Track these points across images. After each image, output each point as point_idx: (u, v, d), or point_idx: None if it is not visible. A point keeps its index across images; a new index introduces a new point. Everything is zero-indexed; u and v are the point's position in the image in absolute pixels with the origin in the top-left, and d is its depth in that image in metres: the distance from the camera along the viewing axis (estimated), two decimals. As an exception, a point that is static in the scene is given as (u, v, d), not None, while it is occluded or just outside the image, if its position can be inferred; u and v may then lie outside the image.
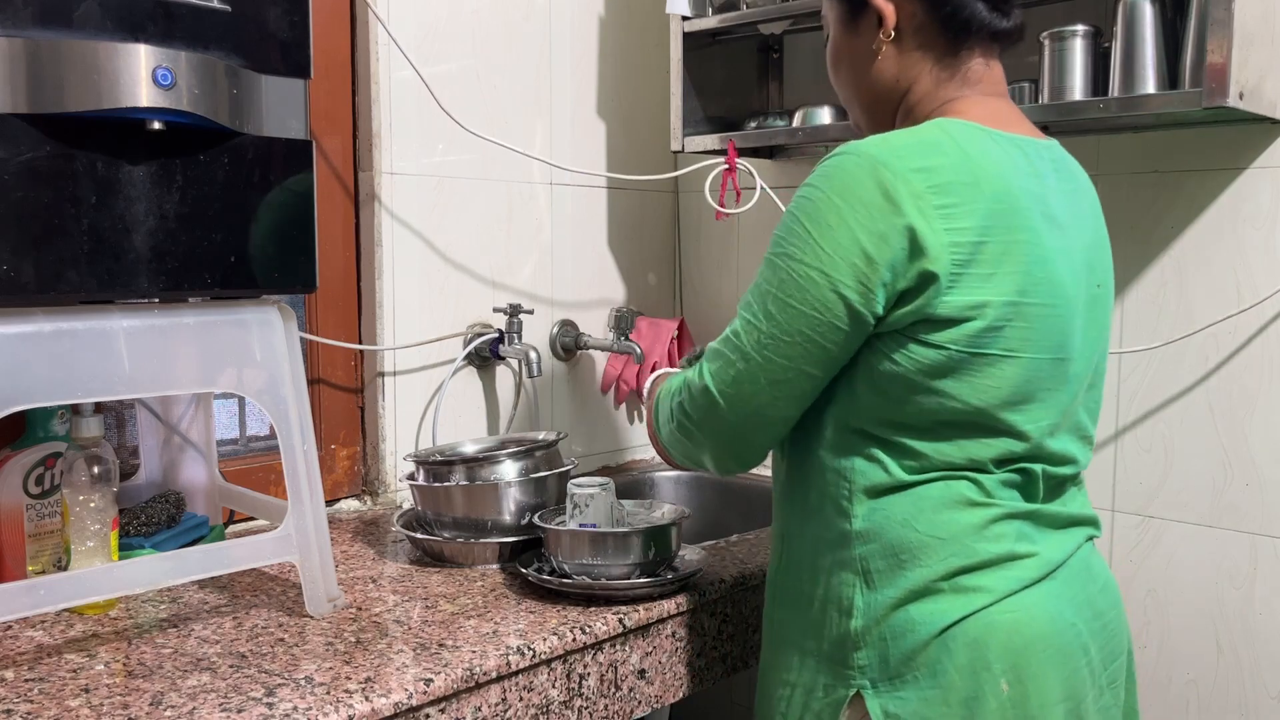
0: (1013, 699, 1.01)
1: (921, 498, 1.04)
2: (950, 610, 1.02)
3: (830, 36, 1.18)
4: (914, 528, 1.03)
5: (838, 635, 1.07)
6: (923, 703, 1.02)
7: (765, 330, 1.03)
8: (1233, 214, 1.60)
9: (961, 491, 1.04)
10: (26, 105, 0.98)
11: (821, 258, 0.99)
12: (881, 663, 1.04)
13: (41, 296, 1.01)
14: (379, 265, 1.74)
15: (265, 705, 0.99)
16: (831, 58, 1.18)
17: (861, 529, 1.05)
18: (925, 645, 1.02)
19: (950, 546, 1.03)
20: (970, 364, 1.00)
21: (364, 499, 1.79)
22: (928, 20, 1.09)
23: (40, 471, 1.28)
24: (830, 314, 1.00)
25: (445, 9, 1.79)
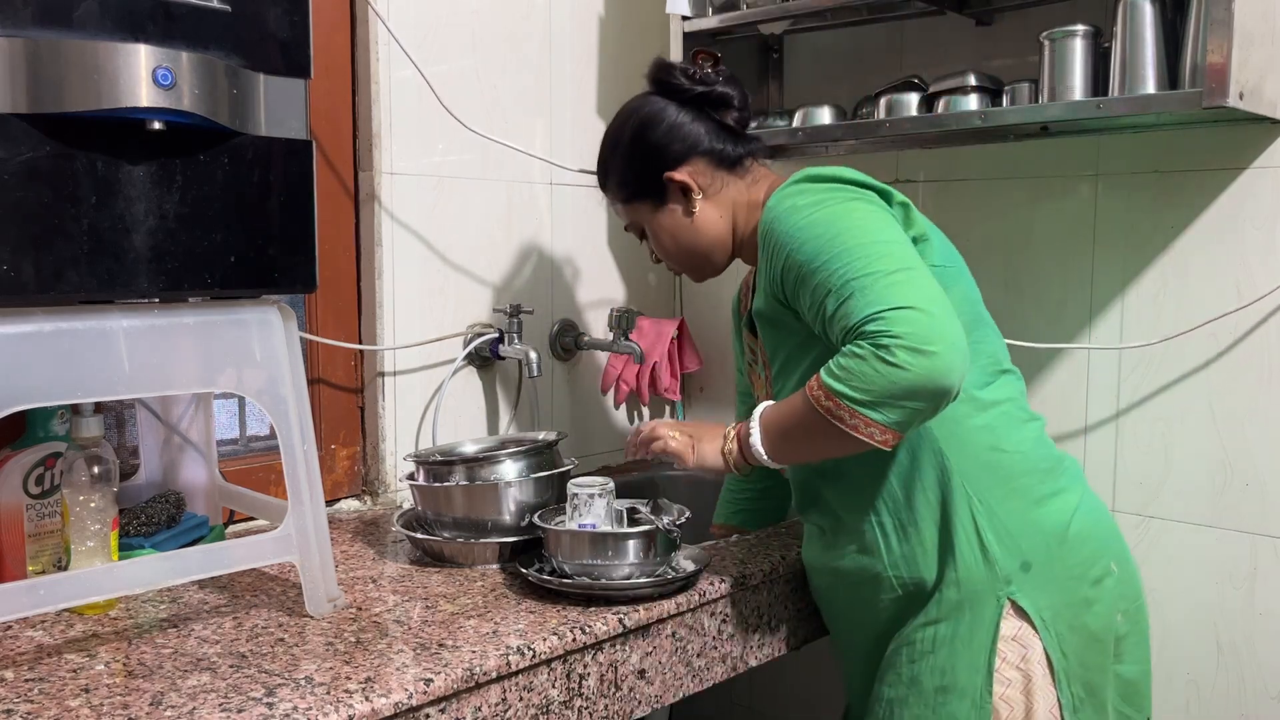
0: (1120, 577, 1.29)
1: (994, 426, 1.27)
2: (1060, 511, 1.27)
3: (649, 232, 1.44)
4: (1001, 449, 1.27)
5: (975, 558, 1.25)
6: (1062, 592, 1.25)
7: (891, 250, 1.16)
8: (1233, 214, 1.60)
9: (1013, 412, 1.30)
10: (26, 105, 0.98)
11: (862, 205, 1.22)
12: (1023, 568, 1.25)
13: (41, 296, 1.01)
14: (379, 265, 1.74)
15: (265, 705, 0.99)
16: (662, 244, 1.43)
17: (959, 465, 1.25)
18: (1053, 545, 1.26)
19: (1031, 459, 1.28)
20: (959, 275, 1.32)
21: (364, 499, 1.79)
22: (712, 166, 1.38)
23: (40, 471, 1.28)
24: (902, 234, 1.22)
25: (445, 8, 1.79)
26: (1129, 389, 1.71)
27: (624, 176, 1.43)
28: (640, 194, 1.41)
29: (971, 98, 1.63)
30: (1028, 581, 1.24)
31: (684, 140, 1.37)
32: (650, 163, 1.38)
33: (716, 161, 1.38)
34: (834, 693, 1.50)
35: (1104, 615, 1.27)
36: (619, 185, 1.44)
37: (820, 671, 2.11)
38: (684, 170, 1.37)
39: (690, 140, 1.37)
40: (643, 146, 1.39)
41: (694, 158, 1.37)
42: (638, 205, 1.43)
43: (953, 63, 1.78)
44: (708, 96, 1.38)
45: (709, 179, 1.38)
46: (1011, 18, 1.78)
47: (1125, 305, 1.70)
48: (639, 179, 1.40)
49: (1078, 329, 1.76)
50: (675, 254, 1.44)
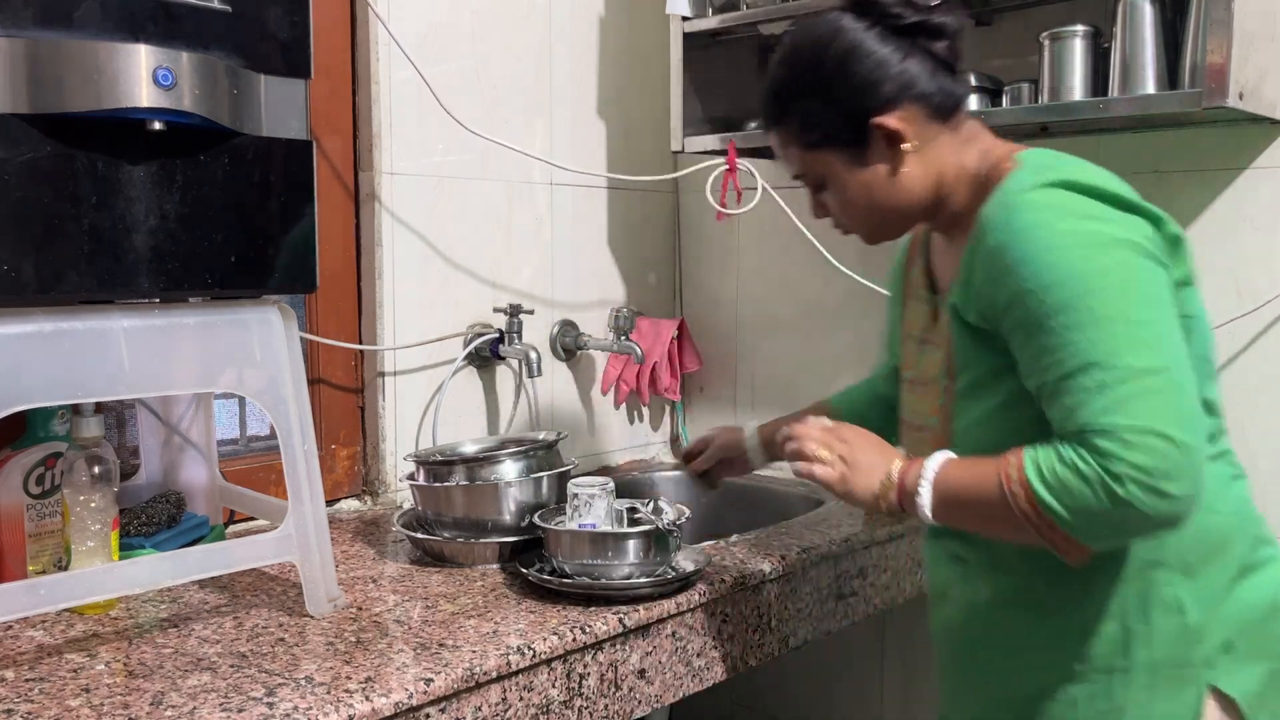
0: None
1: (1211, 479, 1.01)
2: (1270, 581, 1.09)
3: (833, 186, 1.17)
4: (1215, 510, 1.05)
5: (1172, 635, 1.05)
6: (1271, 674, 1.07)
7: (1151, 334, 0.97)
8: (1233, 214, 1.60)
9: (1224, 469, 1.10)
10: (27, 105, 0.98)
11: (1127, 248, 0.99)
12: (1225, 648, 1.06)
13: (41, 296, 1.01)
14: (379, 265, 1.74)
15: (265, 705, 0.99)
16: (850, 200, 1.17)
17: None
18: (1261, 620, 1.07)
19: (1244, 520, 1.10)
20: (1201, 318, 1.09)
21: (364, 499, 1.79)
22: (927, 115, 1.13)
23: (40, 471, 1.28)
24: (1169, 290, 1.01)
25: (445, 9, 1.79)
26: (1129, 389, 1.71)
27: (815, 117, 1.14)
28: (833, 140, 1.14)
29: (971, 98, 1.63)
30: (1231, 664, 1.06)
31: (897, 79, 1.11)
32: (855, 103, 1.12)
33: (930, 109, 1.12)
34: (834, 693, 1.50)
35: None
36: (804, 127, 1.15)
37: (820, 671, 2.11)
38: (895, 116, 1.11)
39: (904, 80, 1.11)
40: (847, 82, 1.12)
41: (906, 101, 1.11)
42: (826, 154, 1.15)
43: (953, 63, 1.78)
44: (922, 26, 1.12)
45: (920, 129, 1.12)
46: (1011, 18, 1.78)
47: (1125, 305, 1.70)
48: (837, 122, 1.13)
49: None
50: (863, 213, 1.18)
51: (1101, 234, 0.99)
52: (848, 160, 1.15)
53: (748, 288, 2.16)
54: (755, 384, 2.16)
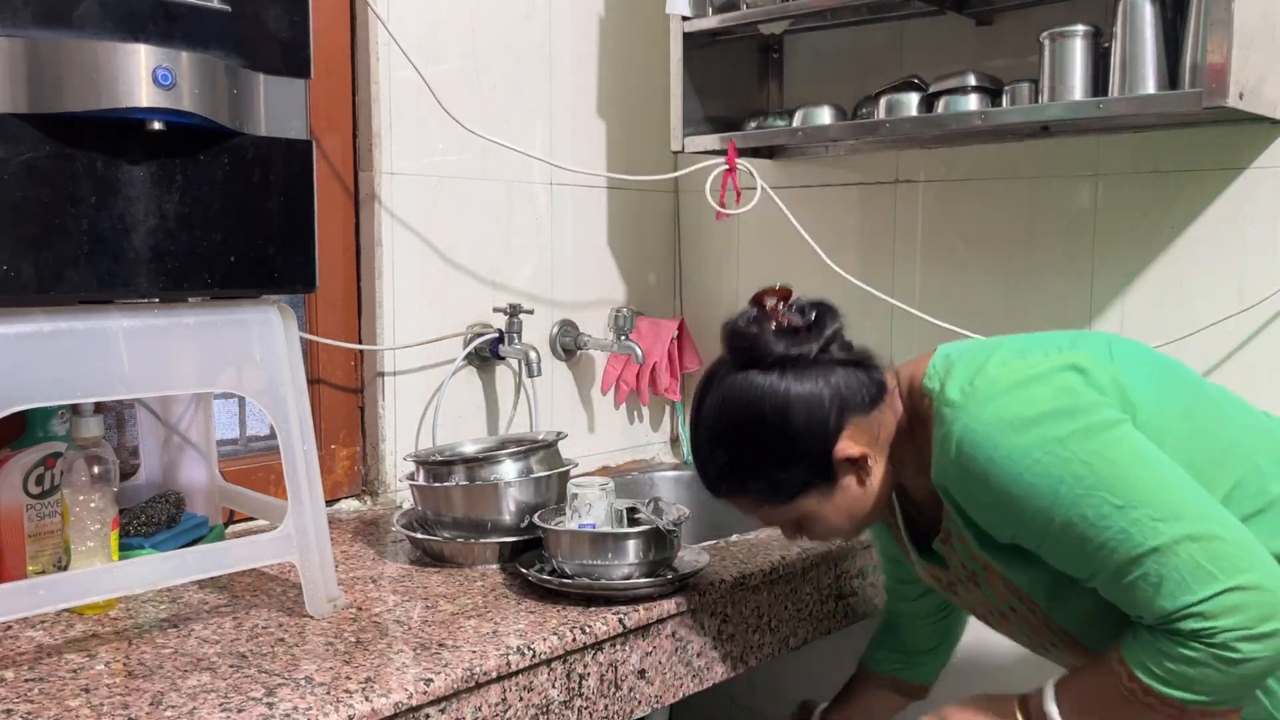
0: None
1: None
2: None
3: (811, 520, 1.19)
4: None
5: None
6: None
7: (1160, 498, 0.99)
8: (1233, 214, 1.60)
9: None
10: (26, 105, 0.98)
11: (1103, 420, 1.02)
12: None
13: (41, 296, 1.01)
14: (379, 265, 1.74)
15: (265, 705, 0.99)
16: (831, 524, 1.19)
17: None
18: None
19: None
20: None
21: (364, 499, 1.79)
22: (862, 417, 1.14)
23: (40, 471, 1.28)
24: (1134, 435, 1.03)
25: (445, 9, 1.79)
26: (1129, 389, 1.71)
27: (780, 479, 1.16)
28: (805, 488, 1.16)
29: (971, 98, 1.63)
30: None
31: (834, 406, 1.13)
32: (812, 449, 1.13)
33: (867, 410, 1.15)
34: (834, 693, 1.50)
35: None
36: (772, 490, 1.17)
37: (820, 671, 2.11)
38: (849, 440, 1.13)
39: (839, 403, 1.13)
40: (797, 438, 1.13)
41: (849, 420, 1.13)
42: (801, 500, 1.17)
43: (953, 63, 1.78)
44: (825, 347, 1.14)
45: (870, 434, 1.15)
46: (1011, 18, 1.78)
47: (1125, 305, 1.70)
48: (803, 473, 1.15)
49: (1078, 329, 1.75)
50: (846, 528, 1.21)
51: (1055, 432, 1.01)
52: (820, 496, 1.17)
53: (748, 288, 2.15)
54: (755, 384, 2.16)
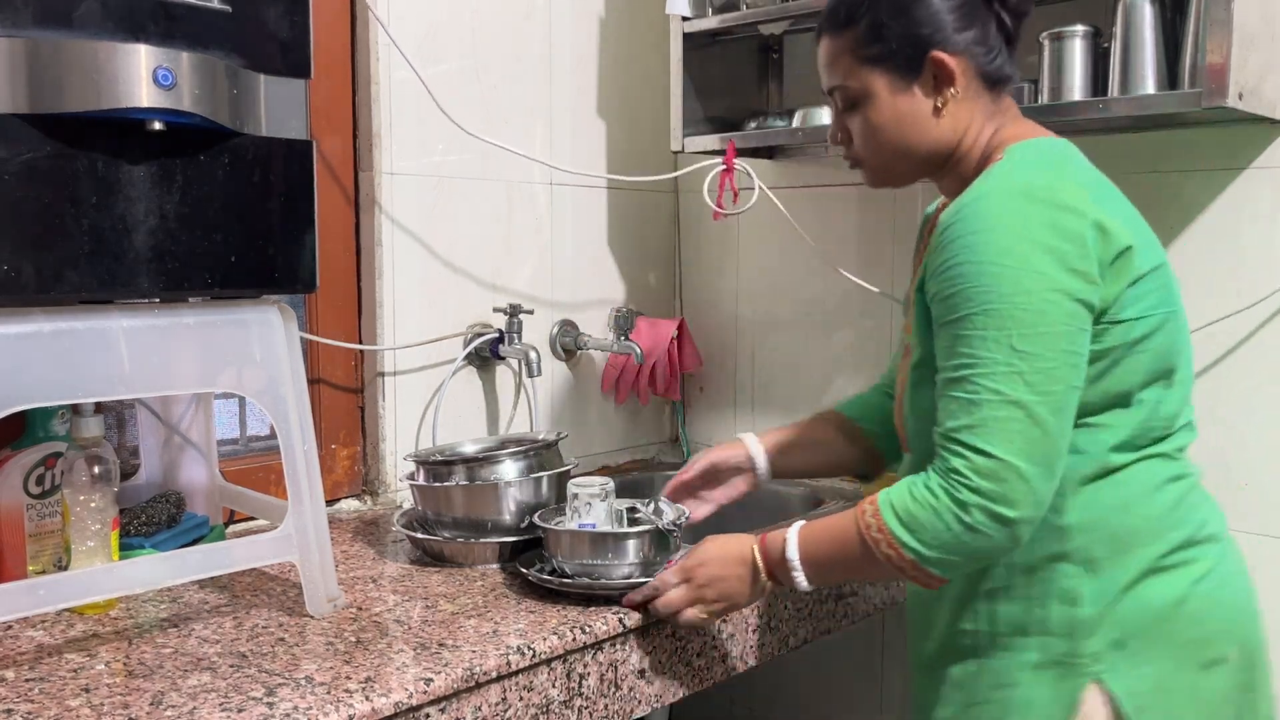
0: (1240, 663, 1.11)
1: (1129, 482, 1.09)
2: (1176, 585, 1.09)
3: (867, 109, 1.18)
4: (1130, 512, 1.09)
5: (1063, 626, 1.09)
6: (1161, 677, 1.08)
7: (1028, 369, 1.02)
8: (1233, 214, 1.60)
9: (1158, 469, 1.10)
10: (27, 105, 0.98)
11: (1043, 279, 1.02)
12: (1116, 645, 1.08)
13: (41, 296, 1.01)
14: (379, 265, 1.74)
15: (265, 705, 0.99)
16: (877, 128, 1.18)
17: (1076, 521, 1.09)
18: (1159, 622, 1.08)
19: (1164, 523, 1.09)
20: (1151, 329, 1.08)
21: (364, 499, 1.79)
22: (977, 73, 1.16)
23: (40, 471, 1.28)
24: (1077, 321, 1.03)
25: (445, 9, 1.79)
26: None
27: (881, 31, 1.15)
28: (889, 59, 1.15)
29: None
30: (1120, 662, 1.08)
31: (969, 28, 1.14)
32: (925, 31, 1.13)
33: (984, 71, 1.16)
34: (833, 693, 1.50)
35: (1209, 707, 1.10)
36: (867, 38, 1.15)
37: (820, 671, 2.11)
38: (954, 59, 1.13)
39: (975, 32, 1.14)
40: (926, 9, 1.13)
41: (968, 52, 1.14)
42: (877, 71, 1.16)
43: (953, 63, 1.78)
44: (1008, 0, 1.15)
45: (969, 83, 1.15)
46: (1011, 18, 1.78)
47: (1125, 305, 1.70)
48: (899, 42, 1.14)
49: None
50: (884, 144, 1.19)
51: (1028, 261, 1.02)
52: (893, 84, 1.16)
53: (747, 288, 2.16)
54: (755, 384, 2.16)
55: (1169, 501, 1.11)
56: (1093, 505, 1.08)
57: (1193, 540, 1.10)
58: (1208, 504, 1.15)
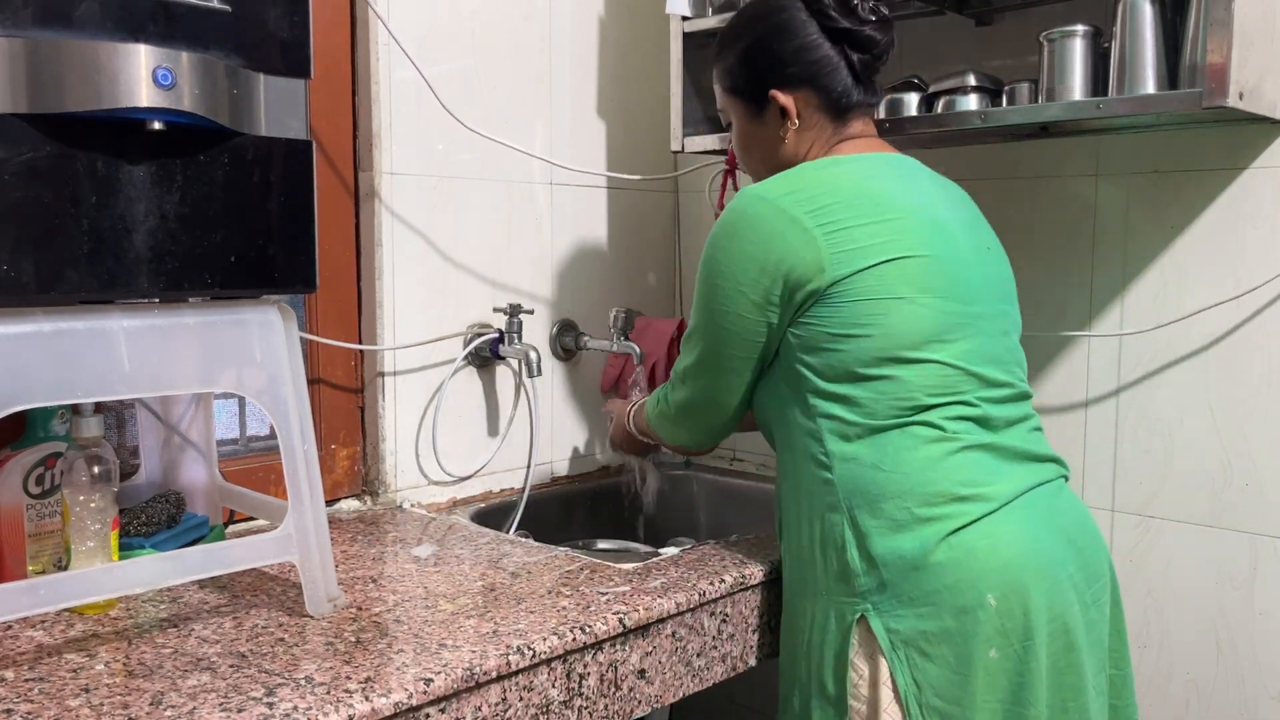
0: (1000, 611, 1.18)
1: (884, 442, 1.23)
2: (930, 535, 1.20)
3: (734, 128, 1.44)
4: (881, 468, 1.23)
5: (838, 568, 1.25)
6: (919, 619, 1.20)
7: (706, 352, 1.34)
8: (1233, 214, 1.60)
9: (918, 433, 1.23)
10: (26, 105, 0.98)
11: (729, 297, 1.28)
12: (879, 587, 1.22)
13: (41, 296, 1.01)
14: (379, 265, 1.74)
15: (265, 705, 0.99)
16: (741, 143, 1.44)
17: (838, 476, 1.25)
18: (914, 569, 1.20)
19: (916, 480, 1.21)
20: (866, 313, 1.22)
21: (364, 499, 1.79)
22: (819, 104, 1.35)
23: (40, 471, 1.28)
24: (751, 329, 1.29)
25: (445, 9, 1.79)
26: (1129, 390, 1.71)
27: (734, 68, 1.39)
28: (741, 92, 1.39)
29: (971, 98, 1.63)
30: (883, 601, 1.21)
31: (807, 68, 1.33)
32: (763, 71, 1.36)
33: (826, 102, 1.35)
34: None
35: (969, 649, 1.18)
36: (726, 72, 1.41)
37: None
38: (791, 96, 1.34)
39: (812, 70, 1.33)
40: (765, 52, 1.35)
41: (808, 88, 1.34)
42: (735, 100, 1.41)
43: (953, 63, 1.78)
44: (851, 35, 1.33)
45: (809, 114, 1.35)
46: (1011, 18, 1.78)
47: (1125, 305, 1.71)
48: (746, 79, 1.38)
49: (1077, 329, 1.76)
50: (748, 158, 1.45)
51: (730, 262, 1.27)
52: (746, 112, 1.40)
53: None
54: (755, 384, 2.16)
55: (922, 462, 1.22)
56: (851, 463, 1.24)
57: (950, 496, 1.20)
58: (983, 467, 1.23)
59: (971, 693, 1.18)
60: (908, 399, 1.22)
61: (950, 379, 1.23)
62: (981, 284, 1.30)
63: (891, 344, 1.22)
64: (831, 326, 1.23)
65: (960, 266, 1.27)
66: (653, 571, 1.40)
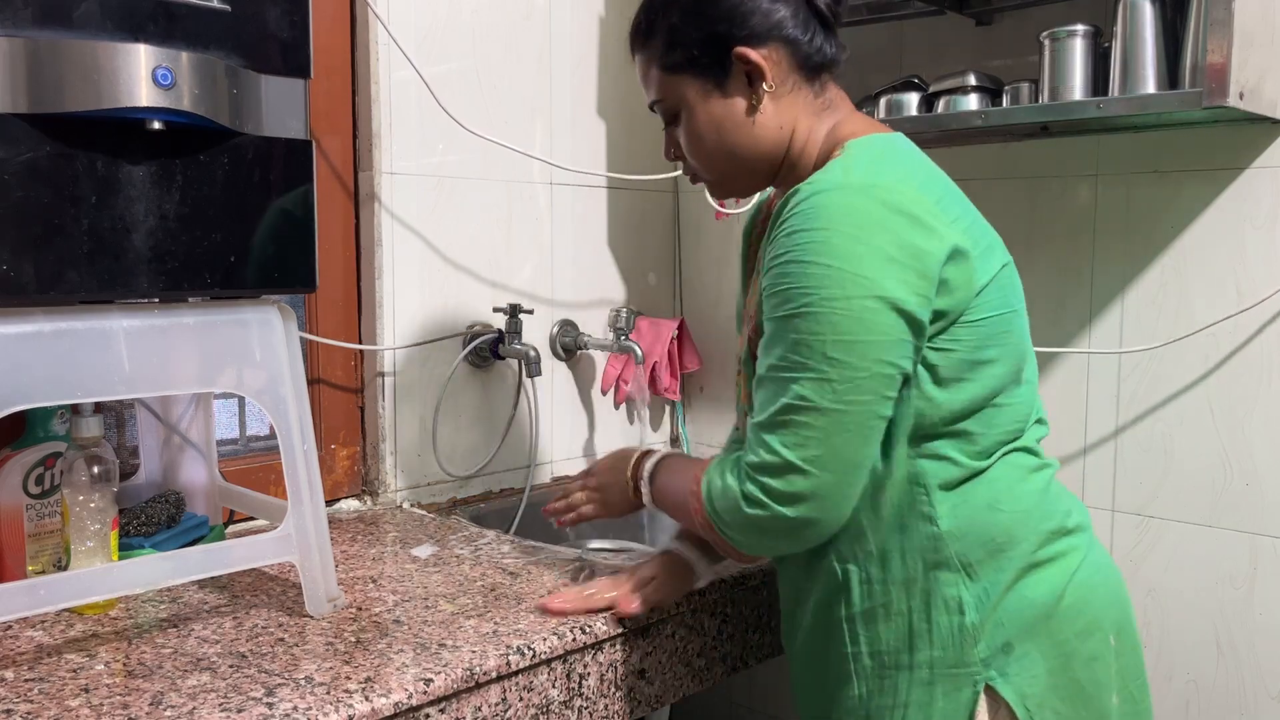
0: (1118, 650, 1.09)
1: (995, 479, 1.07)
2: (1055, 578, 1.07)
3: (686, 118, 1.13)
4: (1000, 509, 1.07)
5: (950, 636, 1.07)
6: (1050, 674, 1.06)
7: (836, 378, 0.99)
8: (1233, 214, 1.60)
9: (1019, 462, 1.09)
10: (26, 105, 0.98)
11: (867, 285, 0.98)
12: (1004, 648, 1.06)
13: (41, 296, 1.01)
14: (379, 265, 1.74)
15: (265, 705, 0.99)
16: (699, 136, 1.13)
17: (950, 527, 1.06)
18: (1042, 619, 1.06)
19: (1035, 516, 1.08)
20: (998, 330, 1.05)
21: (364, 499, 1.79)
22: (791, 63, 1.10)
23: (40, 471, 1.28)
24: (896, 332, 1.00)
25: (445, 9, 1.79)
26: (1128, 389, 1.71)
27: (678, 36, 1.10)
28: (693, 65, 1.10)
29: (971, 98, 1.63)
30: (1010, 664, 1.06)
31: (769, 15, 1.07)
32: (722, 28, 1.08)
33: (798, 58, 1.09)
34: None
35: (1098, 697, 1.08)
36: (667, 46, 1.11)
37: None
38: (760, 52, 1.07)
39: (777, 18, 1.08)
40: (719, 5, 1.08)
41: (775, 41, 1.08)
42: (684, 79, 1.11)
43: (953, 63, 1.78)
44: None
45: (783, 75, 1.09)
46: (1011, 18, 1.78)
47: (1125, 305, 1.71)
48: (699, 45, 1.09)
49: (1077, 329, 1.76)
50: (711, 154, 1.14)
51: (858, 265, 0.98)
52: (704, 89, 1.11)
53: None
54: (755, 384, 2.16)
55: (1035, 494, 1.09)
56: (963, 508, 1.06)
57: (1062, 531, 1.09)
58: (1068, 495, 1.14)
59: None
60: (1009, 426, 1.08)
61: (1032, 397, 1.12)
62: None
63: (1015, 367, 1.08)
64: (969, 351, 1.04)
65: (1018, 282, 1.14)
66: (653, 571, 1.40)
